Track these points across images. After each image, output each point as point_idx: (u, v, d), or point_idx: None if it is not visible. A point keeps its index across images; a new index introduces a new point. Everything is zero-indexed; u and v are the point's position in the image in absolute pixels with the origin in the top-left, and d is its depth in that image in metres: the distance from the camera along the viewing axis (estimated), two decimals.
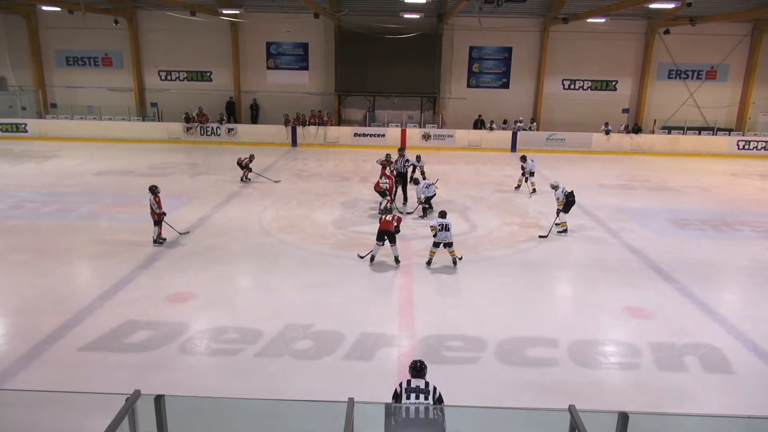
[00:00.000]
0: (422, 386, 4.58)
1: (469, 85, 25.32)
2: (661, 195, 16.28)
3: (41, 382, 6.16)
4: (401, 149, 15.15)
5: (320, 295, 8.73)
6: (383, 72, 24.16)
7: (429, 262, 9.97)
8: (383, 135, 23.68)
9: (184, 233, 11.31)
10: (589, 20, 21.71)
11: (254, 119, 25.33)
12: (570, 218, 12.05)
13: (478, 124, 24.51)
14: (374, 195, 13.90)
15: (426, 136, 23.89)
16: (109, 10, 22.67)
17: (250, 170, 16.39)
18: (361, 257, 10.15)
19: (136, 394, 3.57)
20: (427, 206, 13.05)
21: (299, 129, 23.76)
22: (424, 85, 24.54)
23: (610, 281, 9.51)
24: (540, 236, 11.75)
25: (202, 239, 11.26)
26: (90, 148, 22.01)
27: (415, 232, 11.96)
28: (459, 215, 13.15)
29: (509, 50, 24.89)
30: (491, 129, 23.97)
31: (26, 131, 23.78)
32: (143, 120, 24.62)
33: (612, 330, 7.85)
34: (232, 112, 25.21)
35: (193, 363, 6.83)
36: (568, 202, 11.83)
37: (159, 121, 24.55)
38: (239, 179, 16.38)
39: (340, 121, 25.08)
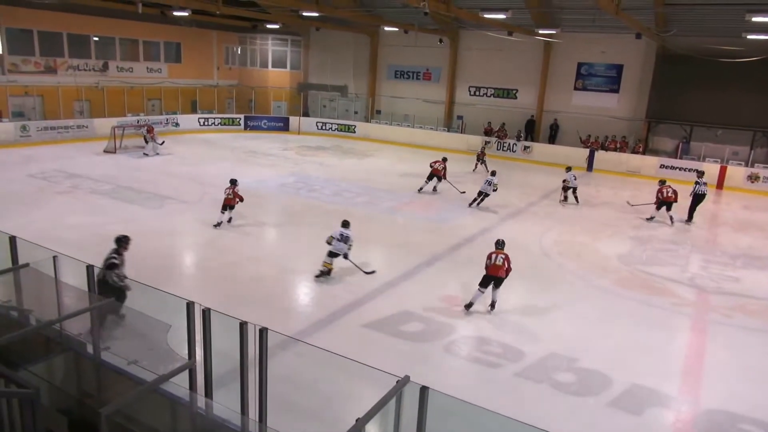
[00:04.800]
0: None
1: None
2: None
3: (329, 344, 7.21)
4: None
5: (592, 331, 8.20)
6: (706, 99, 21.22)
7: (327, 273, 9.44)
8: (697, 170, 20.81)
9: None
10: None
11: (552, 139, 25.03)
12: None
13: None
14: (674, 238, 12.38)
15: (753, 178, 20.19)
16: (437, 30, 25.13)
17: (444, 179, 16.73)
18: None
19: (406, 379, 3.86)
20: (480, 199, 14.73)
21: (597, 153, 22.58)
22: (762, 117, 20.75)
23: None
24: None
25: (483, 249, 11.56)
26: (399, 151, 24.82)
27: (720, 286, 10.26)
28: None
29: None
30: None
31: (354, 132, 28.08)
32: (448, 131, 26.66)
33: None
34: (530, 131, 25.38)
35: (454, 364, 7.13)
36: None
37: (461, 133, 26.27)
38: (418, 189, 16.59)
39: (646, 150, 22.98)
